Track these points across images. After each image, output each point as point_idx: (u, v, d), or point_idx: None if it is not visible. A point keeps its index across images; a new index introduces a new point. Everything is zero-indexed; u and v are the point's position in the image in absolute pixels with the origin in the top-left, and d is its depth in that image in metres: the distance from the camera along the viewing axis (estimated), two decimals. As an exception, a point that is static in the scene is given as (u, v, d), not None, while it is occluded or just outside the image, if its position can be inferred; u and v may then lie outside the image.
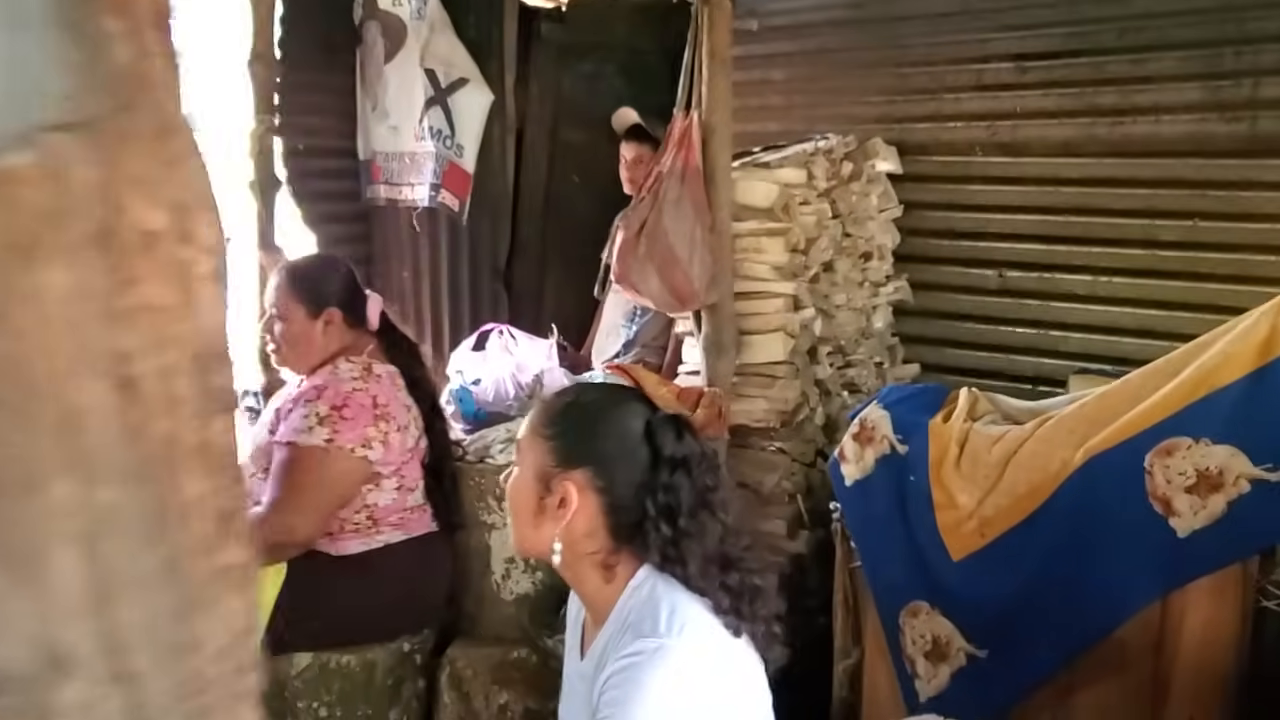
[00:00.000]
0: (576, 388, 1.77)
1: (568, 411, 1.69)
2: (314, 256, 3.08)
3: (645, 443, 1.64)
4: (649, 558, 1.62)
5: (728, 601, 1.60)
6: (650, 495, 1.61)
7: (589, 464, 1.63)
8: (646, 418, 1.65)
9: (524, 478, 1.70)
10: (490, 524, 2.95)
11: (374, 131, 4.69)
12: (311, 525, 2.59)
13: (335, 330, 2.72)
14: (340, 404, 2.59)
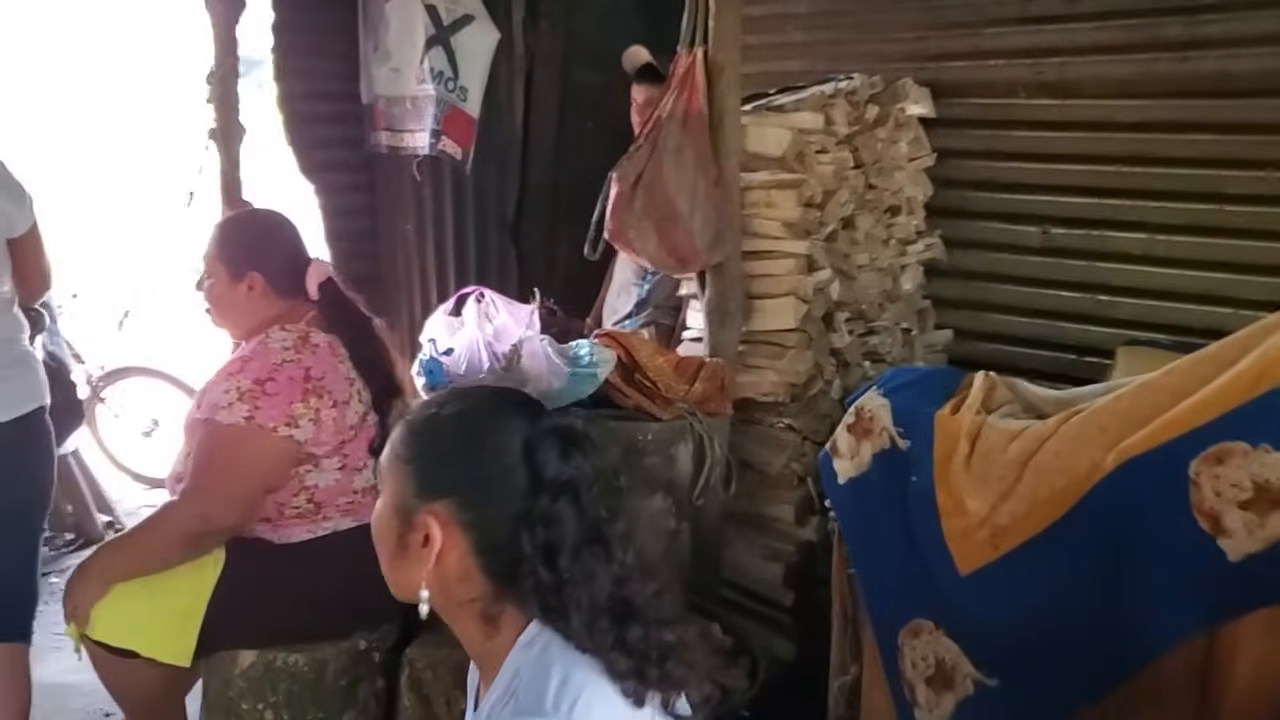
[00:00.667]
0: (444, 396, 1.45)
1: (429, 428, 1.38)
2: (249, 213, 2.78)
3: (523, 463, 1.31)
4: (530, 609, 1.30)
5: (626, 664, 1.27)
6: (527, 529, 1.28)
7: (453, 492, 1.32)
8: (525, 432, 1.32)
9: (384, 509, 1.40)
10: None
11: (376, 74, 4.41)
12: (232, 512, 2.33)
13: (260, 296, 2.43)
14: (265, 377, 2.31)
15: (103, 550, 2.40)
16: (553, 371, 2.85)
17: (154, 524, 2.38)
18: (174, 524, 2.32)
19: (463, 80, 4.22)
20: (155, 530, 2.36)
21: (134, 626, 2.34)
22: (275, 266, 2.46)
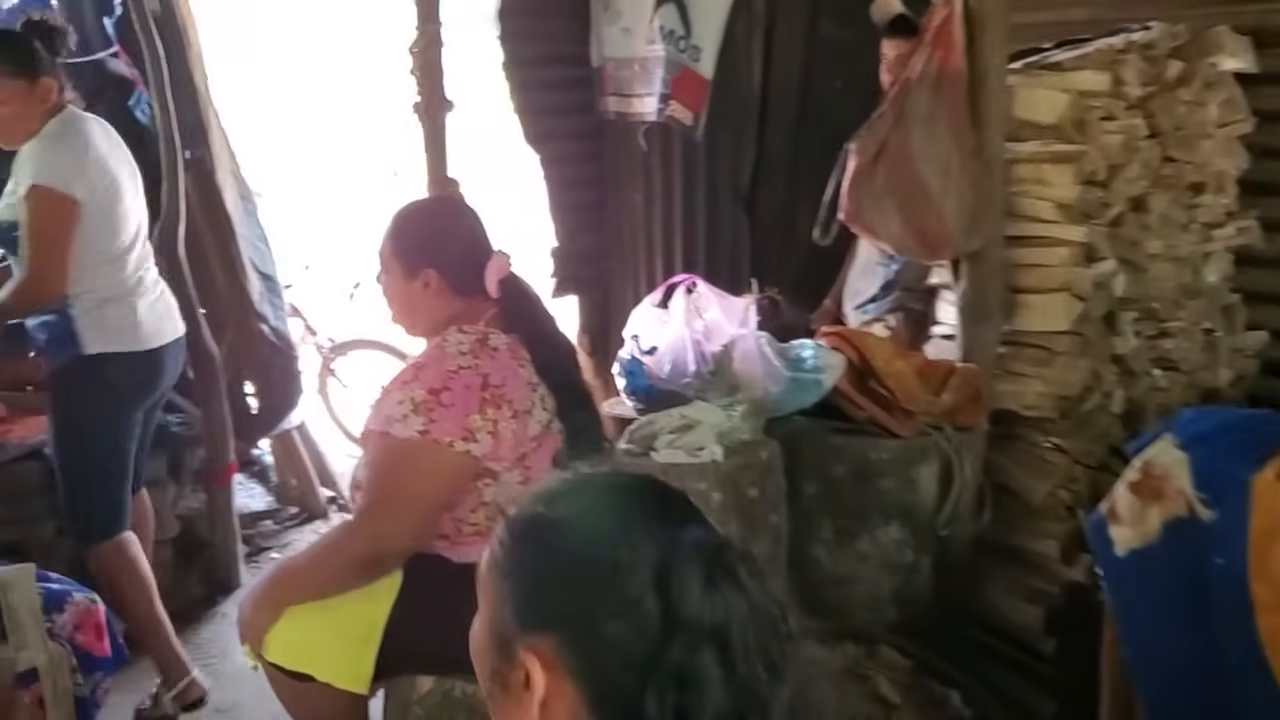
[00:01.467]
0: (557, 488, 1.09)
1: (533, 533, 1.04)
2: (426, 204, 2.53)
3: (655, 592, 0.95)
4: None
5: None
6: (654, 687, 0.92)
7: (559, 626, 0.98)
8: (660, 549, 0.96)
9: (480, 632, 1.08)
10: (651, 534, 2.35)
11: (605, 35, 4.13)
12: (407, 533, 2.14)
13: (435, 295, 2.19)
14: (440, 386, 2.08)
15: (276, 573, 2.26)
16: (769, 375, 2.50)
17: (327, 547, 2.21)
18: (347, 547, 2.15)
19: (695, 38, 3.87)
20: (328, 554, 2.19)
21: (309, 651, 2.18)
22: (453, 263, 2.21)
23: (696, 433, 2.36)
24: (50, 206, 2.72)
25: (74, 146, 2.78)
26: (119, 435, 2.97)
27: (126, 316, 2.92)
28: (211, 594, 3.74)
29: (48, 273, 2.76)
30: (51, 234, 2.75)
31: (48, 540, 3.48)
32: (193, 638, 3.48)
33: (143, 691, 3.05)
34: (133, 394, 2.99)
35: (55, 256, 2.75)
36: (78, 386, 2.90)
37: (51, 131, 2.78)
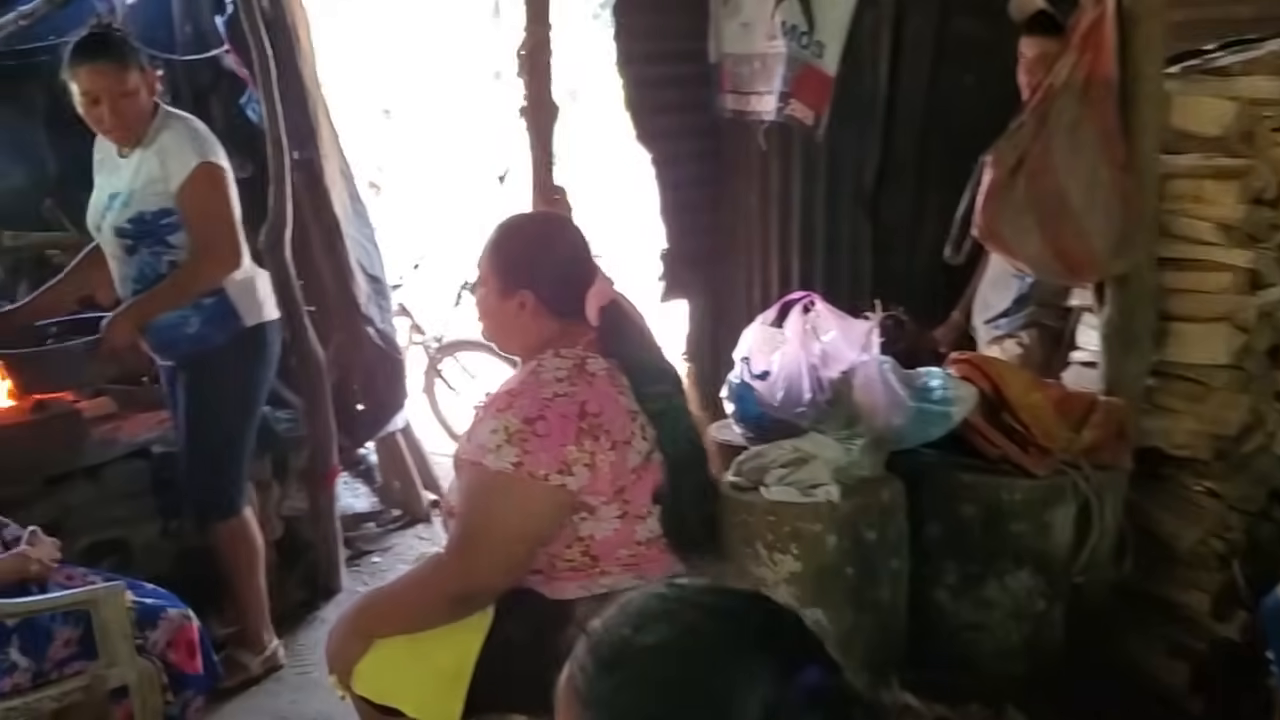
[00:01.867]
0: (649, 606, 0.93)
1: (619, 660, 0.89)
2: (528, 220, 2.40)
3: None
4: None
5: None
6: None
7: None
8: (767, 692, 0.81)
9: None
10: (759, 577, 2.21)
11: (725, 30, 3.97)
12: (499, 572, 2.03)
13: (530, 316, 2.07)
14: (535, 415, 1.95)
15: (365, 603, 2.19)
16: (892, 405, 2.31)
17: (417, 582, 2.13)
18: (436, 584, 2.05)
19: (819, 34, 3.67)
20: (417, 589, 2.10)
21: (398, 685, 2.11)
22: (550, 285, 2.08)
23: (811, 468, 2.20)
24: (214, 180, 2.84)
25: (199, 127, 2.91)
26: (260, 405, 3.14)
27: (266, 287, 3.09)
28: (312, 598, 3.70)
29: (218, 247, 2.87)
30: (218, 207, 2.87)
31: (151, 541, 3.49)
32: (290, 643, 3.44)
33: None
34: (271, 366, 3.14)
35: (227, 229, 2.87)
36: (240, 360, 3.00)
37: (170, 121, 2.88)
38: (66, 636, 2.28)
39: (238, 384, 3.02)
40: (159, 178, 2.83)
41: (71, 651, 2.29)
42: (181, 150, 2.82)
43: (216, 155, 2.87)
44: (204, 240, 2.83)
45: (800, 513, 2.18)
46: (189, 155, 2.81)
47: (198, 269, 2.85)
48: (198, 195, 2.81)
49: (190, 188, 2.80)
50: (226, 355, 2.97)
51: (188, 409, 3.00)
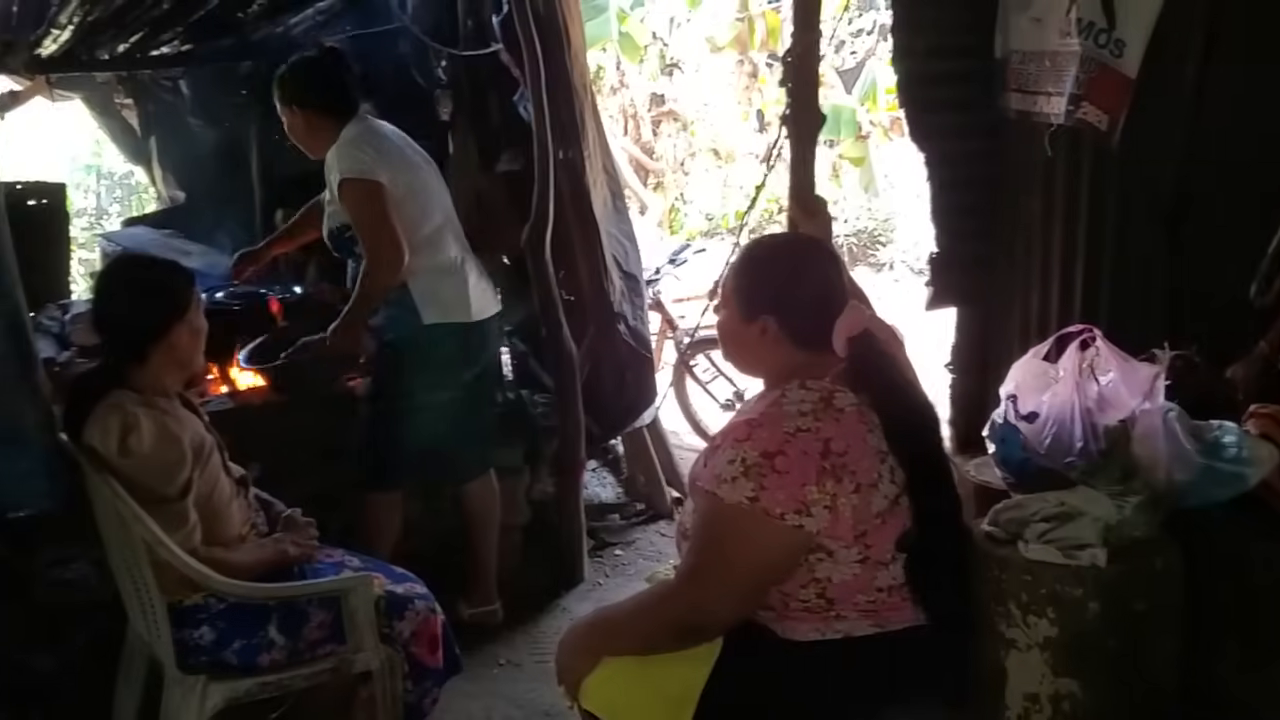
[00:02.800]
0: None
1: None
2: (780, 243, 2.31)
3: None
4: None
5: None
6: None
7: None
8: None
9: None
10: (1010, 640, 2.03)
11: (1013, 25, 3.69)
12: (728, 605, 1.97)
13: (772, 344, 1.99)
14: (775, 450, 1.87)
15: (595, 621, 2.19)
16: (1177, 460, 2.08)
17: (647, 608, 2.10)
18: (666, 611, 2.02)
19: (1120, 32, 3.34)
20: (647, 615, 2.08)
21: (624, 704, 2.10)
22: (796, 314, 1.98)
23: (1076, 525, 1.99)
24: (361, 193, 3.01)
25: (366, 142, 3.09)
26: (435, 401, 3.23)
27: (458, 289, 3.19)
28: (554, 585, 3.78)
29: (380, 252, 3.03)
30: (369, 221, 3.02)
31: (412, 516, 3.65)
32: (531, 628, 3.53)
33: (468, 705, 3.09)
34: (460, 364, 3.24)
35: (383, 236, 3.02)
36: (413, 355, 3.18)
37: (345, 137, 3.10)
38: (320, 619, 2.39)
39: (410, 377, 3.19)
40: (330, 198, 3.16)
41: (324, 634, 2.40)
42: (332, 170, 3.08)
43: (366, 170, 3.02)
44: (366, 248, 3.06)
45: (1061, 575, 1.98)
46: (336, 175, 3.06)
47: (365, 275, 3.07)
48: (351, 209, 3.06)
49: (345, 204, 3.07)
50: (401, 348, 3.19)
51: (369, 384, 3.30)
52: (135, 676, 2.54)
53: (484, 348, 3.33)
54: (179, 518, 2.27)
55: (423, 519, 3.64)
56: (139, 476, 2.23)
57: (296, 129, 3.19)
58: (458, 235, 3.29)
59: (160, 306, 2.34)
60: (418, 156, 3.25)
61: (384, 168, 3.05)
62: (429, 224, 3.16)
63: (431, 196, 3.21)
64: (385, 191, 3.02)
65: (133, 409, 2.26)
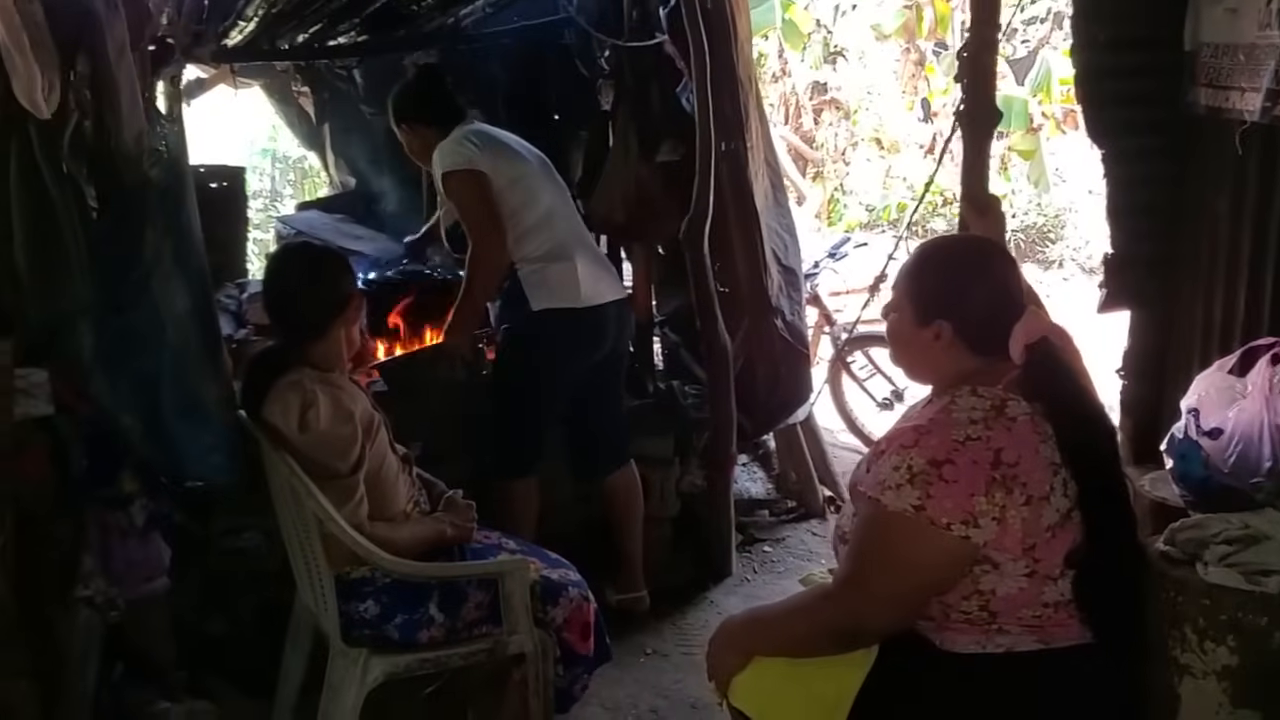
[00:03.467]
0: None
1: None
2: (957, 245, 2.23)
3: None
4: None
5: None
6: None
7: None
8: None
9: None
10: (1184, 665, 1.93)
11: (1205, 16, 3.50)
12: (887, 614, 1.93)
13: (945, 349, 1.93)
14: (943, 458, 1.82)
15: (749, 620, 2.17)
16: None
17: (803, 610, 2.08)
18: (822, 615, 1.99)
19: (1324, 23, 3.13)
20: (803, 617, 2.05)
21: (775, 704, 2.09)
22: (972, 318, 1.92)
23: (1261, 549, 1.88)
24: (462, 184, 3.16)
25: (466, 139, 3.23)
26: (556, 387, 3.31)
27: (566, 274, 3.24)
28: (702, 578, 3.78)
29: (483, 240, 3.16)
30: (472, 206, 3.16)
31: (565, 502, 3.71)
32: (678, 620, 3.53)
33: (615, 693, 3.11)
34: (573, 349, 3.30)
35: (485, 224, 3.15)
36: (526, 343, 3.29)
37: (450, 137, 3.25)
38: (478, 600, 2.45)
39: (523, 363, 3.30)
40: (442, 199, 3.36)
41: (481, 614, 2.45)
42: (437, 168, 3.22)
43: (466, 161, 3.16)
44: (471, 233, 3.19)
45: (1243, 601, 1.87)
46: (438, 170, 3.21)
47: (471, 260, 3.20)
48: (455, 200, 3.21)
49: (451, 197, 3.23)
50: (517, 336, 3.34)
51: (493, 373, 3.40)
52: (302, 645, 2.65)
53: (600, 333, 3.33)
54: (349, 492, 2.35)
55: (568, 503, 3.70)
56: (315, 452, 2.32)
57: (412, 145, 3.39)
58: (569, 224, 3.37)
59: (340, 285, 2.46)
60: (523, 150, 3.38)
61: (485, 159, 3.19)
62: (534, 212, 3.25)
63: (538, 187, 3.31)
64: (487, 180, 3.15)
65: (310, 386, 2.35)
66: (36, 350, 2.28)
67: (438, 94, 3.41)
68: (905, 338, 2.02)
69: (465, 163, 3.16)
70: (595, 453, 3.48)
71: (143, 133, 2.28)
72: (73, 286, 2.16)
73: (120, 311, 2.36)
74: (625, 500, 3.48)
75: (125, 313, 2.36)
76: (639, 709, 3.07)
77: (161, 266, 2.37)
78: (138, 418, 2.39)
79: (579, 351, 3.30)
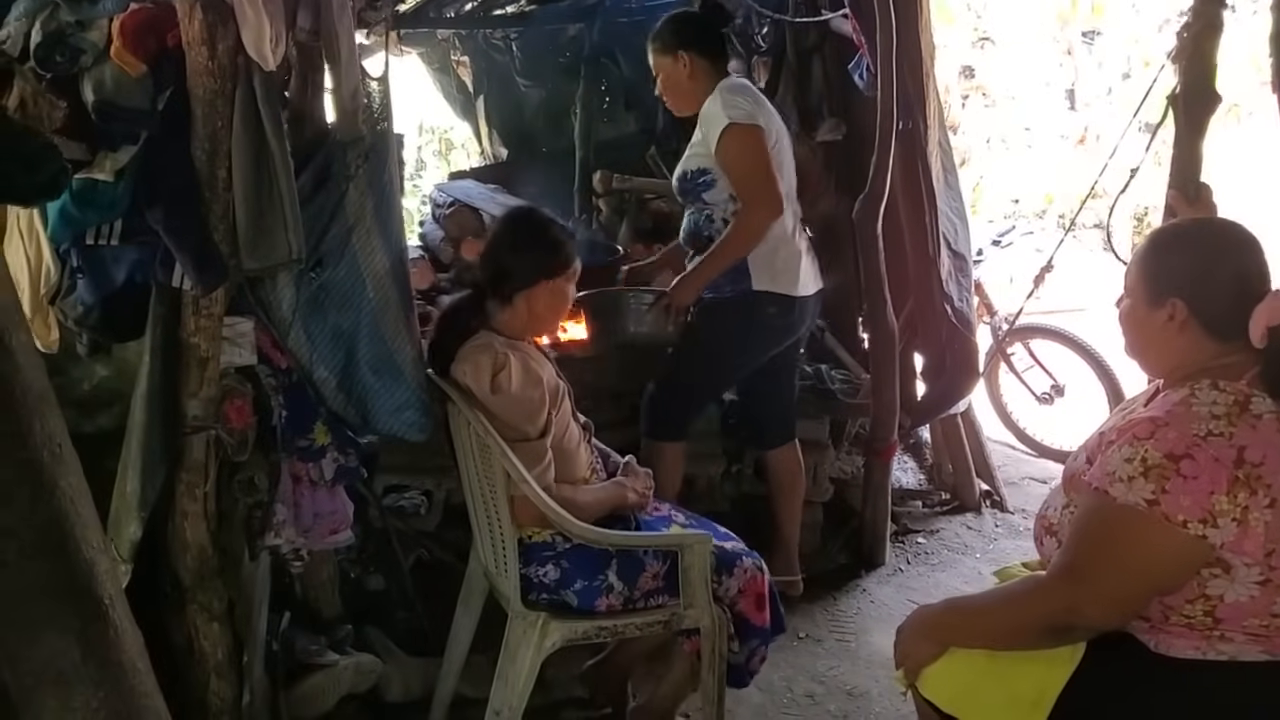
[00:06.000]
0: None
1: None
2: (1194, 225, 2.12)
3: None
4: None
5: None
6: None
7: None
8: None
9: None
10: None
11: None
12: (1107, 610, 1.85)
13: (1180, 332, 1.85)
14: (1182, 452, 1.74)
15: (947, 610, 2.10)
16: None
17: (1013, 600, 2.00)
18: (1035, 607, 1.92)
19: None
20: (1012, 608, 1.98)
21: (969, 699, 2.02)
22: (1211, 298, 1.83)
23: None
24: (746, 139, 3.01)
25: (746, 92, 3.13)
26: (743, 367, 3.26)
27: (793, 260, 3.17)
28: (854, 565, 3.72)
29: (760, 198, 3.02)
30: (753, 163, 3.02)
31: (714, 480, 3.68)
32: (831, 606, 3.48)
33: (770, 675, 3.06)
34: (776, 334, 3.23)
35: (764, 182, 3.02)
36: (734, 317, 3.17)
37: (725, 85, 3.11)
38: (655, 570, 2.43)
39: (725, 338, 3.18)
40: (699, 141, 3.12)
41: (657, 585, 2.43)
42: (715, 117, 3.04)
43: (749, 116, 3.02)
44: (744, 194, 3.04)
45: None
46: (720, 120, 3.02)
47: (744, 220, 3.03)
48: (729, 154, 3.03)
49: (723, 149, 3.03)
50: (726, 307, 3.15)
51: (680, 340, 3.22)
52: (474, 606, 2.66)
53: (801, 323, 3.28)
54: (536, 455, 2.35)
55: (719, 479, 3.67)
56: (505, 414, 2.32)
57: (677, 78, 3.16)
58: (795, 206, 3.25)
59: (537, 262, 2.42)
60: (778, 119, 3.22)
61: (762, 116, 3.07)
62: (784, 184, 3.12)
63: (788, 159, 3.21)
64: (764, 136, 3.04)
65: (501, 349, 2.35)
66: (234, 301, 2.33)
67: (720, 32, 3.30)
68: (1138, 321, 1.93)
69: (749, 117, 3.03)
70: (766, 426, 3.44)
71: (358, 88, 2.30)
72: (285, 238, 2.19)
73: (321, 266, 2.39)
74: (787, 478, 3.43)
75: (326, 268, 2.39)
76: (794, 693, 3.03)
77: (363, 224, 2.40)
78: (334, 371, 2.43)
79: (781, 338, 3.25)
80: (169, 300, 2.21)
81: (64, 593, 1.56)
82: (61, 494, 1.55)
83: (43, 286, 2.27)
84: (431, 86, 6.17)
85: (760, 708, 2.93)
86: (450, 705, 2.71)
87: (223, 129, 2.13)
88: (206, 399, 2.26)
